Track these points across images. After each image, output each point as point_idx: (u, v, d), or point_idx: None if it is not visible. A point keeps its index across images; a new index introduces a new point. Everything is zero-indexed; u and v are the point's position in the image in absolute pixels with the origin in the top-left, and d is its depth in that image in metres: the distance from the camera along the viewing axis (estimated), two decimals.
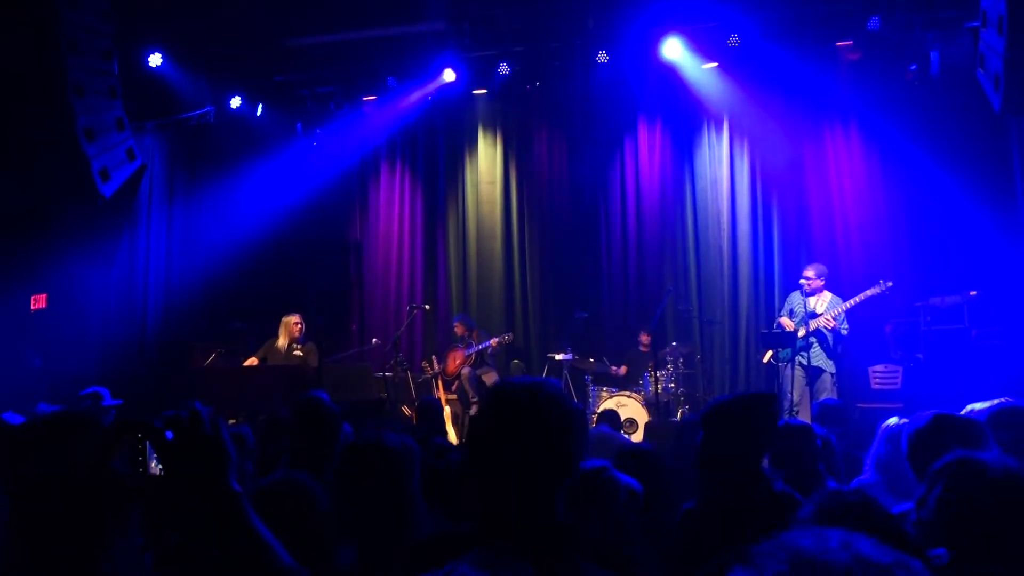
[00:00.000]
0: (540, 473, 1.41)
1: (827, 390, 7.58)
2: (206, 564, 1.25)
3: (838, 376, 8.09)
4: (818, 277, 7.94)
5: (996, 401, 3.05)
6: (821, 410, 5.06)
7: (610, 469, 2.44)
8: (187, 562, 1.97)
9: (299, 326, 8.35)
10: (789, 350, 7.77)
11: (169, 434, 1.23)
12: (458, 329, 9.43)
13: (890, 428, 3.33)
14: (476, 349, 9.17)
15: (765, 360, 8.17)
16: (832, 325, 7.67)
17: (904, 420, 3.45)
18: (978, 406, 3.08)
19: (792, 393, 7.69)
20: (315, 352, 8.27)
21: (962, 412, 3.05)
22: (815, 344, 7.76)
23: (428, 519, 2.26)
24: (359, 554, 2.02)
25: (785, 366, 7.83)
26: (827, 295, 7.94)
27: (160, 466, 1.26)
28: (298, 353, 8.25)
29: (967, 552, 1.77)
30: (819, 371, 7.73)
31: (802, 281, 7.96)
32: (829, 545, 0.81)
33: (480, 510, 1.44)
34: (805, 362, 7.69)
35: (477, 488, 1.45)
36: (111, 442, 1.26)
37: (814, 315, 7.77)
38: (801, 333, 7.73)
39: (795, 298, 8.11)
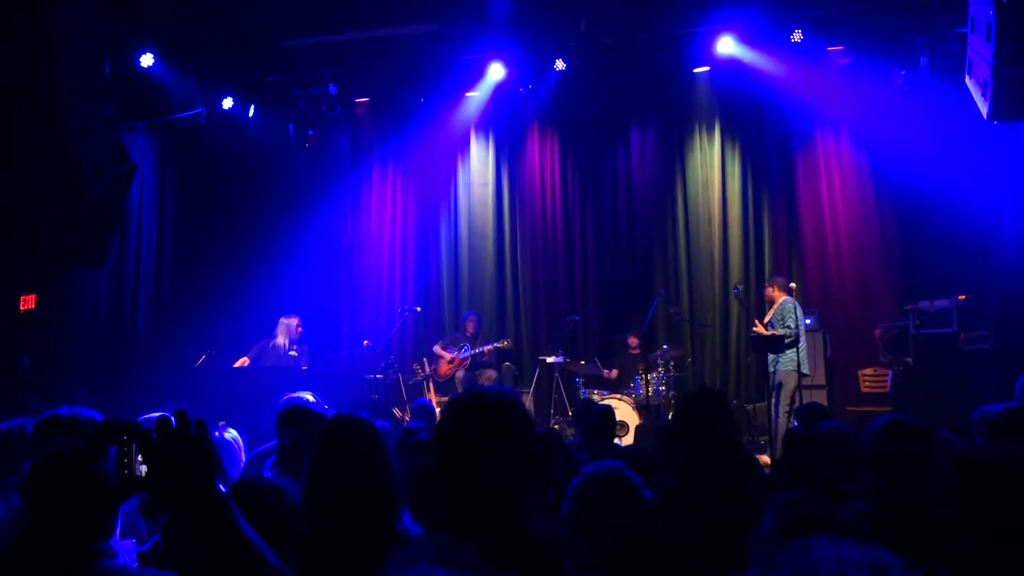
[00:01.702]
0: (499, 476, 1.47)
1: (786, 392, 7.59)
2: (193, 565, 1.25)
3: (828, 378, 8.17)
4: (769, 289, 8.17)
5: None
6: (805, 411, 5.06)
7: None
8: (174, 563, 1.98)
9: (300, 329, 8.52)
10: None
11: (155, 436, 1.23)
12: (470, 326, 9.48)
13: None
14: (471, 354, 9.20)
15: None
16: (761, 331, 7.84)
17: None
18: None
19: (775, 396, 7.68)
20: (306, 353, 8.34)
21: (976, 416, 3.16)
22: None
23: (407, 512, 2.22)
24: (340, 542, 2.00)
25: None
26: (778, 303, 7.96)
27: (146, 468, 1.26)
28: (293, 354, 8.30)
29: (991, 538, 1.83)
30: (774, 374, 7.77)
31: None
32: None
33: (447, 510, 1.48)
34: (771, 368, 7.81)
35: (444, 489, 1.50)
36: (97, 444, 1.26)
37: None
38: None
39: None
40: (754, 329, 7.98)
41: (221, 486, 1.25)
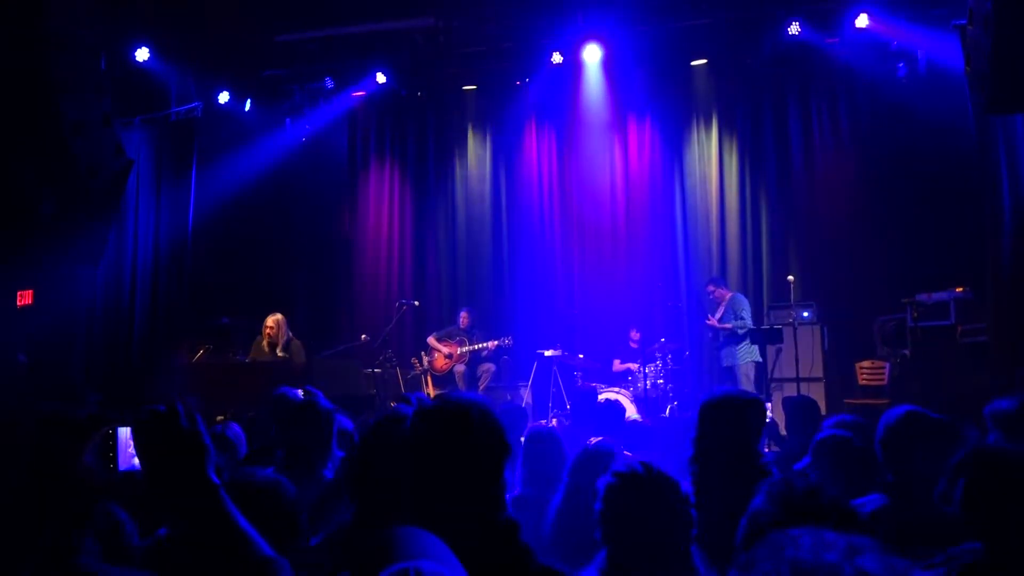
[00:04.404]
0: (469, 474, 1.63)
1: (748, 385, 7.82)
2: (187, 556, 1.25)
3: (826, 371, 8.22)
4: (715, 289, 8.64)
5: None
6: (794, 405, 5.05)
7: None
8: (169, 554, 1.97)
9: (269, 330, 7.82)
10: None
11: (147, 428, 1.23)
12: (464, 320, 9.46)
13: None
14: (470, 349, 9.21)
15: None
16: (714, 324, 8.35)
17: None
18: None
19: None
20: (301, 350, 8.13)
21: (988, 410, 3.13)
22: (725, 346, 8.29)
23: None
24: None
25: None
26: (727, 298, 8.43)
27: (138, 459, 1.26)
28: (282, 354, 8.08)
29: (999, 539, 1.79)
30: (729, 369, 7.93)
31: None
32: (827, 558, 0.79)
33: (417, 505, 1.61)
34: (723, 363, 8.28)
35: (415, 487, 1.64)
36: (82, 437, 1.26)
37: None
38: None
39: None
40: (707, 322, 8.45)
41: (215, 477, 1.24)
